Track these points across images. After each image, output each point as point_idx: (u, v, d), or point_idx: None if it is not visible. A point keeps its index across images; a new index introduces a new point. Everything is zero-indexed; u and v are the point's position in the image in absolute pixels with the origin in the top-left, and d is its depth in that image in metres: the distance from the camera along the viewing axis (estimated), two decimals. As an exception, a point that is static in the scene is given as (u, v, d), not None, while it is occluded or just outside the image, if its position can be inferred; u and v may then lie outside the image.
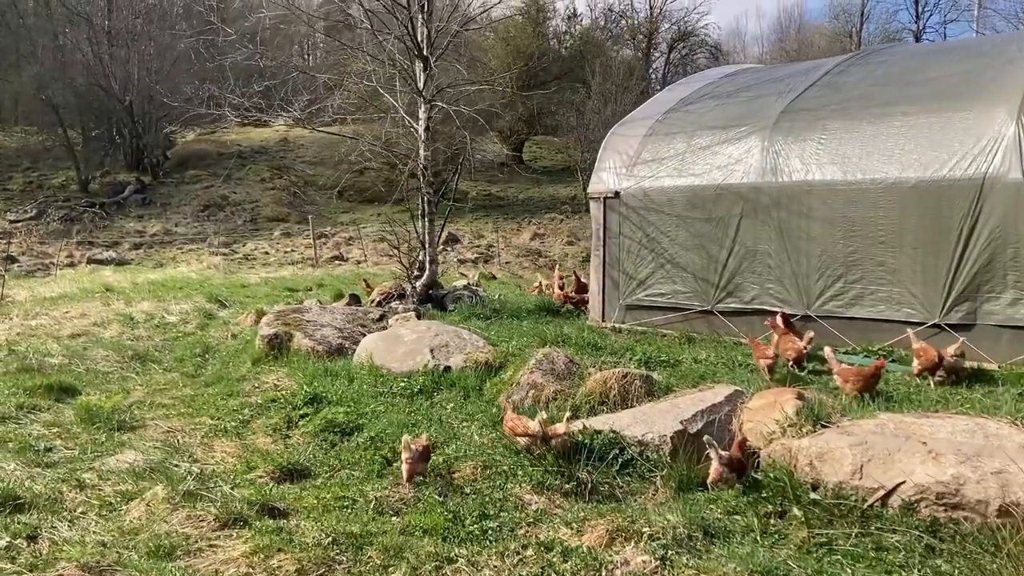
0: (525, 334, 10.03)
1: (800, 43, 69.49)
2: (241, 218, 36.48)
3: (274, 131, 52.48)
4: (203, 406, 8.63)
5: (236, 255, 27.60)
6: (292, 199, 40.09)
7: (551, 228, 32.33)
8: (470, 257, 26.51)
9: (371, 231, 35.22)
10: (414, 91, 11.75)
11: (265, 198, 39.33)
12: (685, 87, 11.79)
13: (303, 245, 31.53)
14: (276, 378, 9.57)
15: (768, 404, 6.57)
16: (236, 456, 6.98)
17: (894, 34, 66.73)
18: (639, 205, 10.26)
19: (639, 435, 6.46)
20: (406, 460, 6.12)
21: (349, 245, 31.90)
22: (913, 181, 8.10)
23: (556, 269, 19.68)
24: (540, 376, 7.98)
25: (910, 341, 7.73)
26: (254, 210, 37.84)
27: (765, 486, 5.74)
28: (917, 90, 8.72)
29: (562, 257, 25.91)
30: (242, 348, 11.22)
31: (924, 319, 8.11)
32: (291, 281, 19.82)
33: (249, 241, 31.76)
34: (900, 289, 8.26)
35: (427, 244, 11.88)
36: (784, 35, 73.15)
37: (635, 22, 55.65)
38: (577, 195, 40.28)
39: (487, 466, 6.11)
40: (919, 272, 8.13)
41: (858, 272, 8.53)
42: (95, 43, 40.50)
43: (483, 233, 33.78)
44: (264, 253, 29.02)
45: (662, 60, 54.64)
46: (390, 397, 8.45)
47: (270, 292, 17.60)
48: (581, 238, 29.93)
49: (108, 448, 7.01)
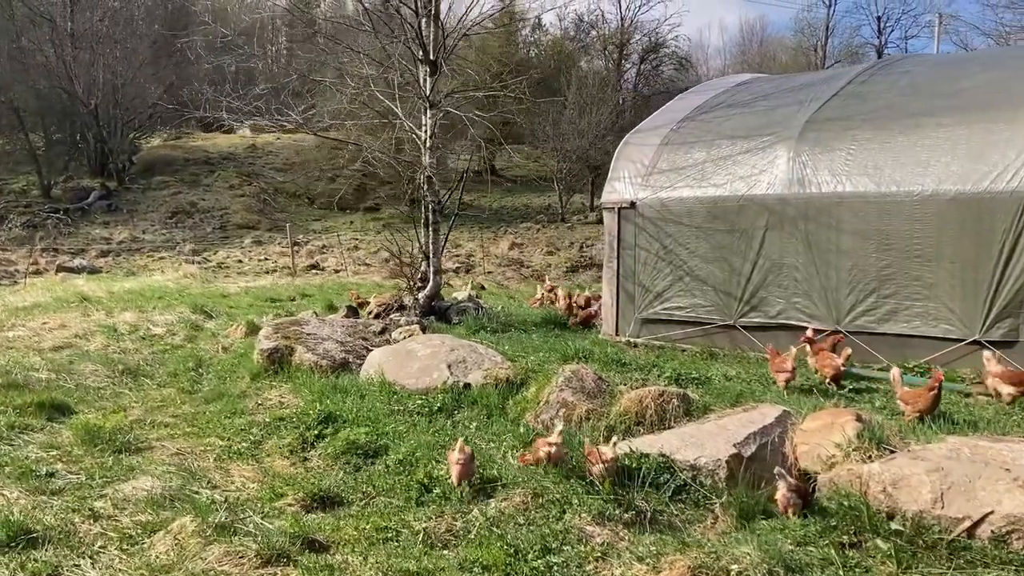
0: (541, 348, 9.66)
1: (762, 56, 70.32)
2: (210, 225, 35.68)
3: (241, 137, 51.73)
4: (208, 425, 8.14)
5: (209, 263, 26.88)
6: (262, 206, 39.35)
7: (529, 237, 32.02)
8: (451, 267, 26.05)
9: (345, 239, 34.67)
10: (417, 96, 11.36)
11: (235, 205, 38.55)
12: (698, 95, 11.54)
13: (276, 253, 30.86)
14: (279, 394, 9.12)
15: (824, 426, 6.28)
16: (257, 481, 6.53)
17: (857, 49, 67.83)
18: (656, 216, 9.96)
19: (691, 459, 6.13)
20: (457, 462, 5.95)
21: (323, 254, 31.29)
22: (952, 194, 7.89)
23: (546, 280, 19.37)
24: (570, 394, 7.62)
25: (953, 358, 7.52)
26: (224, 217, 37.05)
27: (833, 514, 5.44)
28: (949, 101, 8.53)
29: (544, 267, 25.60)
30: (237, 362, 10.72)
31: (963, 336, 7.90)
32: (272, 291, 19.23)
33: (220, 249, 31.01)
34: (937, 304, 8.04)
35: (431, 254, 11.47)
36: (747, 48, 73.89)
37: (606, 32, 55.64)
38: (551, 204, 40.10)
39: (538, 494, 5.72)
40: (958, 287, 7.92)
41: (892, 287, 8.29)
42: (58, 45, 39.44)
43: (460, 242, 33.35)
44: (237, 261, 28.32)
45: (633, 71, 54.58)
46: (407, 416, 8.04)
47: (253, 302, 17.01)
48: (560, 248, 29.73)
49: (117, 473, 6.51)
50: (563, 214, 36.70)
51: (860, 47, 67.75)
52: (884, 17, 67.87)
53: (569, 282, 21.22)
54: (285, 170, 45.20)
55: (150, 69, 43.52)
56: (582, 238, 30.88)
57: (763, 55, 70.59)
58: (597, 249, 28.35)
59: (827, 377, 7.73)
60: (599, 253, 27.44)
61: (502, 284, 22.21)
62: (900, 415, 6.71)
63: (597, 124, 36.71)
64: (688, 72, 59.79)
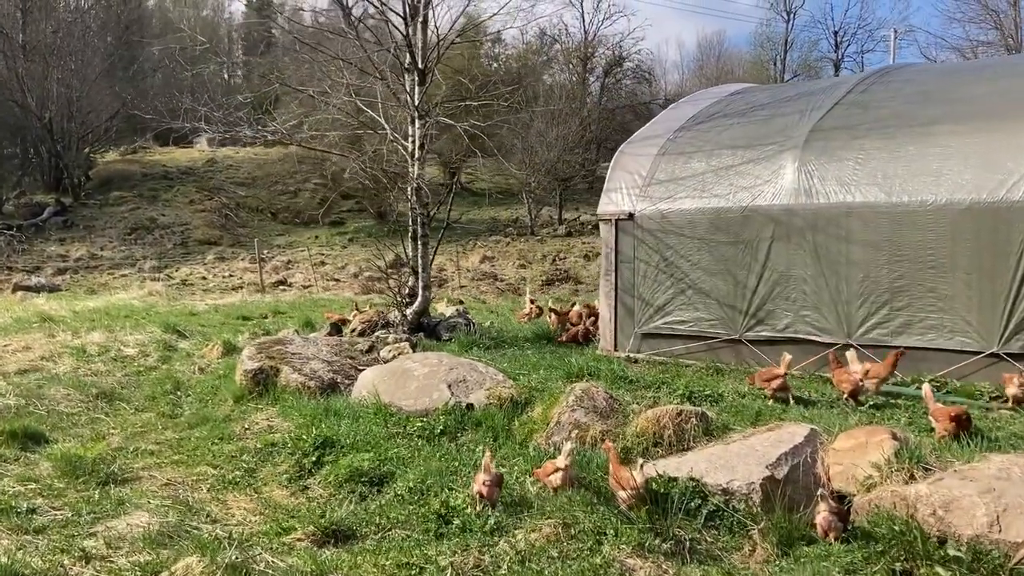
0: (540, 366, 9.32)
1: (720, 71, 71.04)
2: (171, 241, 34.82)
3: (200, 152, 50.78)
4: (195, 452, 7.70)
5: (173, 281, 26.13)
6: (224, 221, 38.54)
7: (499, 251, 31.66)
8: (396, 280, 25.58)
9: (311, 254, 34.03)
10: (404, 106, 10.98)
11: (195, 220, 37.72)
12: (691, 105, 11.32)
13: (241, 269, 30.16)
14: (266, 418, 8.71)
15: (858, 445, 6.01)
16: (258, 513, 6.12)
17: (815, 62, 68.86)
18: (656, 227, 9.69)
19: (723, 482, 5.83)
20: (484, 483, 5.70)
21: (289, 269, 30.64)
22: (967, 203, 7.71)
23: (527, 294, 19.05)
24: (582, 415, 7.29)
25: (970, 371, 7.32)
26: (184, 233, 36.21)
27: (880, 538, 5.16)
28: (959, 109, 8.39)
29: (519, 280, 25.25)
30: (218, 384, 10.24)
31: (980, 348, 7.71)
32: (243, 308, 18.66)
33: (183, 265, 30.23)
34: (953, 316, 7.85)
35: (420, 268, 11.07)
36: (704, 63, 74.60)
37: (569, 46, 55.66)
38: (519, 217, 39.80)
39: (568, 524, 5.37)
40: (974, 299, 7.73)
41: (905, 298, 8.09)
42: (9, 57, 38.38)
43: (427, 256, 32.89)
44: (201, 278, 27.59)
45: (597, 84, 54.61)
46: (408, 439, 7.66)
47: (224, 320, 16.45)
48: (532, 261, 29.41)
49: (106, 508, 6.04)
50: (532, 227, 36.42)
51: (817, 61, 68.83)
52: (841, 32, 69.08)
53: (547, 296, 20.88)
54: (246, 184, 44.42)
55: (105, 82, 42.55)
56: (553, 251, 30.60)
57: (721, 69, 71.33)
58: (571, 262, 28.14)
59: (845, 393, 7.49)
60: (573, 266, 27.22)
61: (479, 298, 21.81)
62: (929, 432, 6.48)
63: (565, 137, 36.55)
64: (652, 86, 60.11)
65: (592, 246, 31.77)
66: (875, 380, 7.36)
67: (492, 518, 5.59)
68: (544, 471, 6.20)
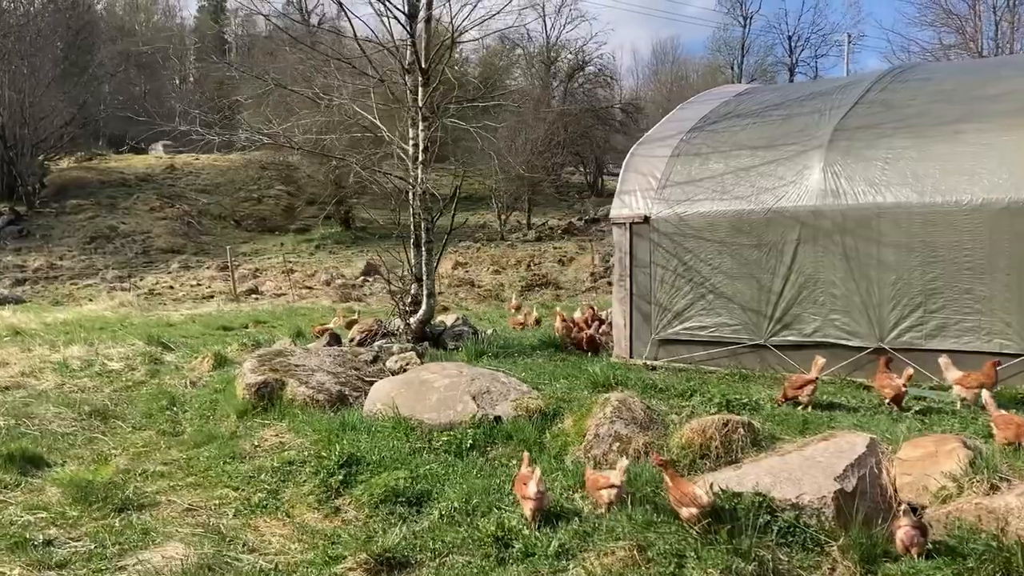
0: (559, 375, 9.02)
1: (675, 76, 71.64)
2: (133, 250, 33.93)
3: (157, 158, 49.64)
4: (209, 473, 7.23)
5: (139, 290, 25.32)
6: (187, 229, 37.69)
7: (472, 256, 31.30)
8: (399, 288, 25.13)
9: (278, 262, 33.36)
10: (407, 107, 10.59)
11: (157, 228, 36.79)
12: (701, 105, 11.09)
13: (208, 278, 29.42)
14: (275, 433, 8.25)
15: (928, 455, 5.78)
16: (296, 540, 5.70)
17: (771, 67, 69.76)
18: (673, 231, 9.43)
19: (792, 497, 5.55)
20: (534, 496, 5.44)
21: (258, 277, 29.94)
22: (1004, 202, 7.57)
23: (514, 299, 18.73)
24: (622, 426, 6.98)
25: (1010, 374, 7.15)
26: (146, 241, 35.30)
27: (967, 554, 4.92)
28: (987, 107, 8.26)
29: (496, 286, 24.91)
30: (216, 398, 9.75)
31: (1021, 350, 7.57)
32: (221, 318, 18.07)
33: (147, 275, 29.43)
34: (991, 318, 7.70)
35: (425, 275, 10.69)
36: (659, 68, 75.13)
37: (531, 51, 55.64)
38: (487, 223, 39.45)
39: (643, 547, 5.04)
40: (1013, 300, 7.59)
41: (940, 301, 7.92)
42: (-43, 61, 37.17)
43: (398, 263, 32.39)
44: (168, 288, 26.82)
45: (560, 89, 54.54)
46: (435, 455, 7.27)
47: (205, 331, 15.87)
48: (506, 266, 29.10)
49: (132, 538, 5.58)
50: (502, 232, 36.14)
51: (772, 66, 69.76)
52: (795, 37, 70.04)
53: (532, 301, 20.57)
54: (208, 191, 43.48)
55: (58, 88, 41.35)
56: (526, 256, 30.35)
57: (675, 75, 71.90)
58: (547, 267, 27.90)
59: (887, 399, 7.28)
60: (550, 271, 26.96)
61: (461, 305, 21.43)
62: (986, 439, 6.28)
63: (534, 142, 36.35)
64: (614, 89, 60.26)
65: (564, 251, 31.61)
66: (975, 389, 7.10)
67: (555, 540, 5.25)
68: (594, 484, 5.90)
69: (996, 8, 33.23)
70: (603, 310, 12.87)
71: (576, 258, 29.28)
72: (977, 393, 7.24)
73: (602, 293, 22.89)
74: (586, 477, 5.99)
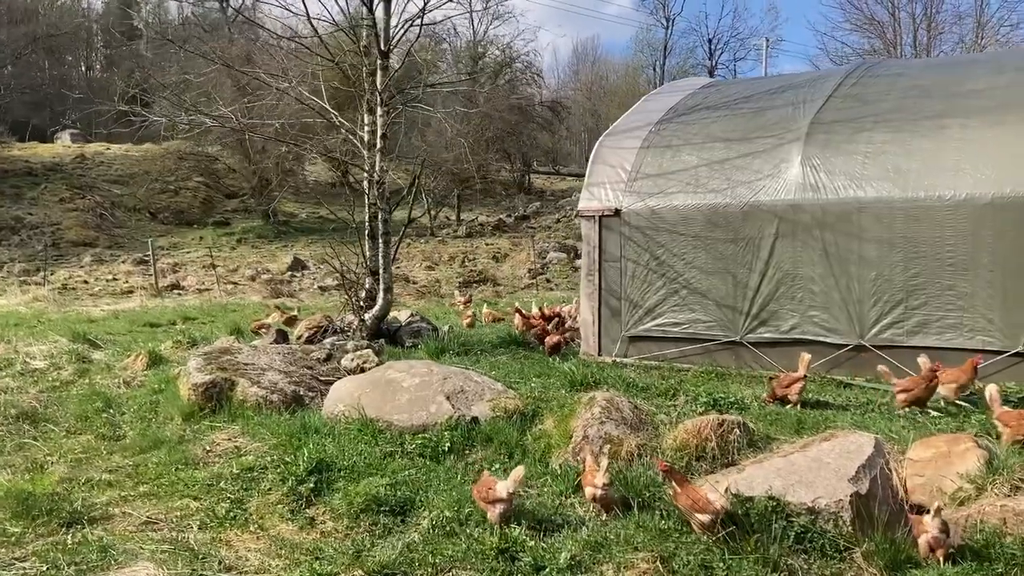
0: (529, 374, 8.66)
1: (595, 75, 72.20)
2: (41, 243, 32.09)
3: (65, 147, 47.34)
4: (161, 482, 6.61)
5: (52, 285, 23.90)
6: (99, 221, 35.99)
7: (403, 252, 30.56)
8: (331, 284, 24.31)
9: (197, 256, 32.11)
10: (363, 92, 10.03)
11: (67, 220, 35.02)
12: (667, 97, 10.83)
13: (125, 272, 28.06)
14: (227, 437, 7.69)
15: (940, 455, 5.59)
16: (275, 555, 5.18)
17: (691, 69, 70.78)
18: (645, 224, 9.14)
19: (807, 501, 5.27)
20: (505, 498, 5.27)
21: (178, 272, 28.70)
22: (988, 198, 7.49)
23: (456, 295, 18.26)
24: (612, 427, 6.63)
25: (992, 371, 7.08)
26: (56, 234, 33.55)
27: (994, 558, 4.73)
28: (966, 103, 8.18)
29: (432, 283, 24.35)
30: (157, 399, 9.07)
31: (1004, 347, 7.50)
32: (145, 315, 17.09)
33: (58, 269, 27.86)
34: (973, 315, 7.61)
35: (381, 269, 10.14)
36: (580, 67, 75.58)
37: (459, 46, 55.05)
38: (415, 218, 38.71)
39: (665, 557, 4.69)
40: (997, 297, 7.51)
41: (922, 297, 7.81)
42: None
43: (326, 258, 31.49)
44: (83, 282, 25.42)
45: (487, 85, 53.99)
46: (409, 459, 6.82)
47: (131, 328, 14.95)
48: (439, 262, 28.56)
49: (90, 557, 4.98)
50: (432, 228, 35.55)
51: (693, 67, 70.79)
52: (715, 40, 71.24)
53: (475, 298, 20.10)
54: (122, 182, 41.56)
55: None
56: (459, 252, 29.85)
57: (596, 75, 72.44)
58: (482, 263, 27.46)
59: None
60: (486, 268, 26.54)
61: (399, 301, 20.79)
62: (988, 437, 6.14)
63: (466, 134, 35.80)
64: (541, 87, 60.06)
65: (497, 247, 31.25)
66: (954, 385, 6.95)
67: (565, 551, 4.86)
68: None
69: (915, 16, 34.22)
70: (559, 305, 12.53)
71: (510, 255, 28.95)
72: (959, 389, 7.14)
73: (542, 290, 22.63)
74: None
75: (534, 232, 34.39)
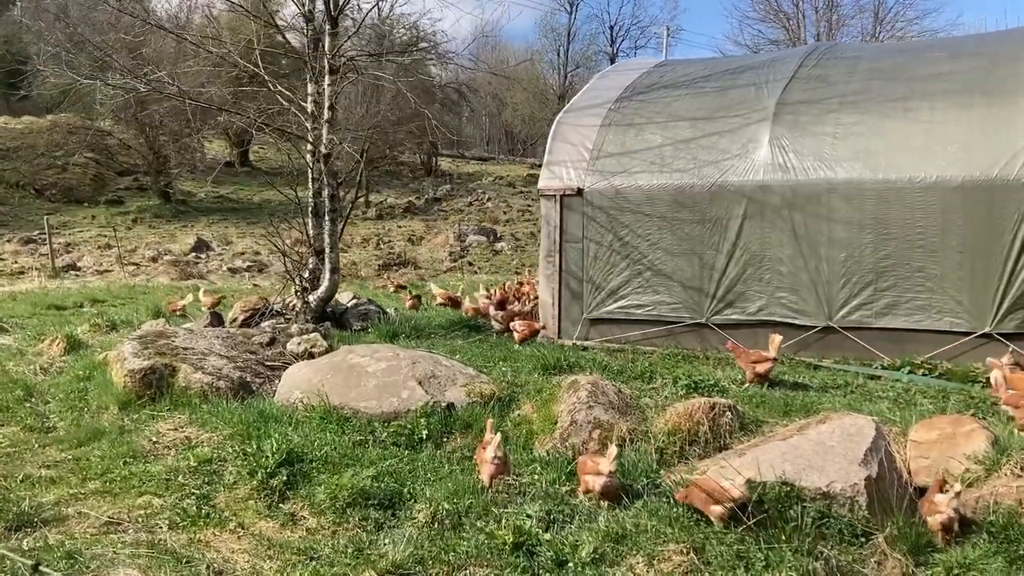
0: (495, 357, 8.34)
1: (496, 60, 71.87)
2: (-91, 218, 29.73)
3: (-64, 118, 44.02)
4: (112, 477, 6.04)
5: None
6: (-24, 199, 33.51)
7: (307, 235, 29.62)
8: (241, 266, 23.33)
9: (90, 235, 30.38)
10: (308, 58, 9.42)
11: (-59, 197, 32.50)
12: (621, 75, 10.58)
13: (12, 252, 26.22)
14: (173, 427, 7.13)
15: (945, 436, 5.54)
16: (265, 557, 4.74)
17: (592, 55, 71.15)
18: (609, 204, 8.90)
19: (822, 486, 5.13)
20: (491, 461, 5.38)
21: (71, 252, 26.99)
22: (958, 180, 7.54)
23: (388, 279, 17.71)
24: (601, 412, 6.38)
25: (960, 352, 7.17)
26: (-71, 211, 31.09)
27: (1016, 539, 4.68)
28: (934, 85, 8.23)
29: (350, 264, 23.55)
30: (85, 387, 8.38)
31: (971, 328, 7.58)
32: (47, 297, 15.88)
33: (-66, 248, 25.83)
34: (942, 296, 7.67)
35: (328, 248, 9.58)
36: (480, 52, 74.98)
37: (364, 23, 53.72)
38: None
39: (698, 549, 4.44)
40: (966, 278, 7.58)
41: (891, 279, 7.83)
42: None
43: (230, 239, 30.27)
44: (-36, 263, 23.62)
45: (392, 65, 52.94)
46: (382, 448, 6.43)
47: (34, 311, 13.83)
48: (351, 245, 27.69)
49: (56, 565, 4.38)
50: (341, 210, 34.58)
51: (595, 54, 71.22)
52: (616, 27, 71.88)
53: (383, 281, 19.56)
54: (3, 156, 38.87)
55: None
56: (371, 235, 29.07)
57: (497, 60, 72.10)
58: (399, 246, 26.83)
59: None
60: (404, 250, 25.94)
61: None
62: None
63: (376, 115, 34.93)
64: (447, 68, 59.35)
65: (411, 230, 30.67)
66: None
67: (586, 544, 4.57)
68: (582, 485, 5.37)
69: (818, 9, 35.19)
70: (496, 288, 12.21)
71: (425, 237, 28.40)
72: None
73: (467, 273, 22.25)
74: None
75: (447, 215, 33.89)
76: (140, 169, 39.08)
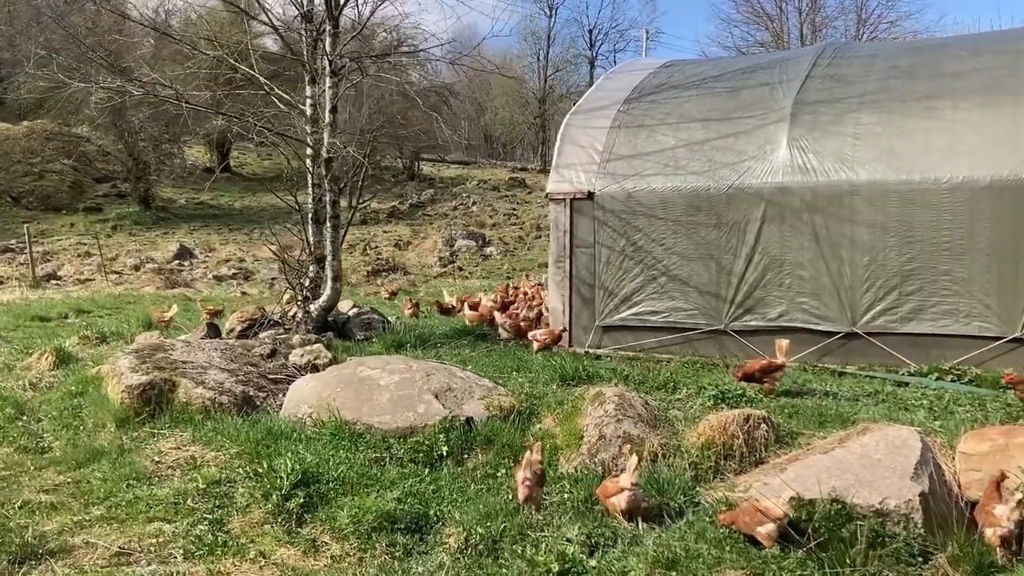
0: (508, 367, 8.05)
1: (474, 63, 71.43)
2: None
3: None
4: (116, 501, 5.69)
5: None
6: (-49, 207, 32.80)
7: (294, 240, 29.19)
8: (227, 273, 22.88)
9: (69, 244, 29.80)
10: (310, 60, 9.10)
11: (-86, 205, 31.77)
12: (627, 76, 10.32)
13: (-12, 262, 25.62)
14: (176, 446, 6.82)
15: (998, 448, 5.30)
16: (292, 591, 4.38)
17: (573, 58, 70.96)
18: (621, 208, 8.65)
19: (875, 503, 4.88)
20: (523, 481, 5.08)
21: (49, 261, 26.43)
22: (987, 180, 7.34)
23: (384, 286, 17.39)
24: (631, 425, 6.10)
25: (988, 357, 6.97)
26: (-102, 218, 30.36)
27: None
28: (956, 84, 8.03)
29: (337, 272, 23.13)
30: (79, 403, 8.01)
31: (1001, 333, 7.37)
32: (29, 308, 15.42)
33: (-94, 258, 25.18)
34: (970, 300, 7.46)
35: (330, 255, 9.26)
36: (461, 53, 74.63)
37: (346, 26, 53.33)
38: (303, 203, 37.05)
39: (757, 574, 4.18)
40: (994, 281, 7.38)
41: (917, 282, 7.62)
42: None
43: (213, 246, 29.81)
44: (-60, 273, 23.03)
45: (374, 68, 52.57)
46: (401, 466, 6.13)
47: (17, 323, 13.40)
48: (338, 251, 27.34)
49: (70, 607, 4.05)
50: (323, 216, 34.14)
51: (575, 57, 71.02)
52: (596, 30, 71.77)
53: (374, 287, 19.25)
54: (-24, 164, 38.12)
55: None
56: (356, 240, 28.66)
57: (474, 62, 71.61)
58: (385, 251, 26.45)
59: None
60: (392, 256, 25.59)
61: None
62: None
63: (357, 120, 34.56)
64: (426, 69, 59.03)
65: (397, 235, 30.33)
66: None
67: (635, 572, 4.29)
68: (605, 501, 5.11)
69: (801, 11, 35.21)
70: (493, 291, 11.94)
71: (412, 242, 28.05)
72: None
73: (458, 279, 21.94)
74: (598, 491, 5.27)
75: (432, 219, 33.55)
76: (119, 176, 38.53)
